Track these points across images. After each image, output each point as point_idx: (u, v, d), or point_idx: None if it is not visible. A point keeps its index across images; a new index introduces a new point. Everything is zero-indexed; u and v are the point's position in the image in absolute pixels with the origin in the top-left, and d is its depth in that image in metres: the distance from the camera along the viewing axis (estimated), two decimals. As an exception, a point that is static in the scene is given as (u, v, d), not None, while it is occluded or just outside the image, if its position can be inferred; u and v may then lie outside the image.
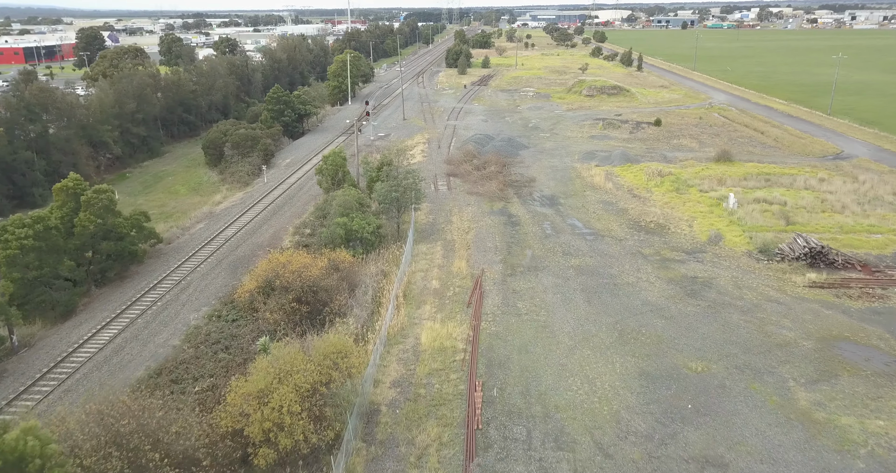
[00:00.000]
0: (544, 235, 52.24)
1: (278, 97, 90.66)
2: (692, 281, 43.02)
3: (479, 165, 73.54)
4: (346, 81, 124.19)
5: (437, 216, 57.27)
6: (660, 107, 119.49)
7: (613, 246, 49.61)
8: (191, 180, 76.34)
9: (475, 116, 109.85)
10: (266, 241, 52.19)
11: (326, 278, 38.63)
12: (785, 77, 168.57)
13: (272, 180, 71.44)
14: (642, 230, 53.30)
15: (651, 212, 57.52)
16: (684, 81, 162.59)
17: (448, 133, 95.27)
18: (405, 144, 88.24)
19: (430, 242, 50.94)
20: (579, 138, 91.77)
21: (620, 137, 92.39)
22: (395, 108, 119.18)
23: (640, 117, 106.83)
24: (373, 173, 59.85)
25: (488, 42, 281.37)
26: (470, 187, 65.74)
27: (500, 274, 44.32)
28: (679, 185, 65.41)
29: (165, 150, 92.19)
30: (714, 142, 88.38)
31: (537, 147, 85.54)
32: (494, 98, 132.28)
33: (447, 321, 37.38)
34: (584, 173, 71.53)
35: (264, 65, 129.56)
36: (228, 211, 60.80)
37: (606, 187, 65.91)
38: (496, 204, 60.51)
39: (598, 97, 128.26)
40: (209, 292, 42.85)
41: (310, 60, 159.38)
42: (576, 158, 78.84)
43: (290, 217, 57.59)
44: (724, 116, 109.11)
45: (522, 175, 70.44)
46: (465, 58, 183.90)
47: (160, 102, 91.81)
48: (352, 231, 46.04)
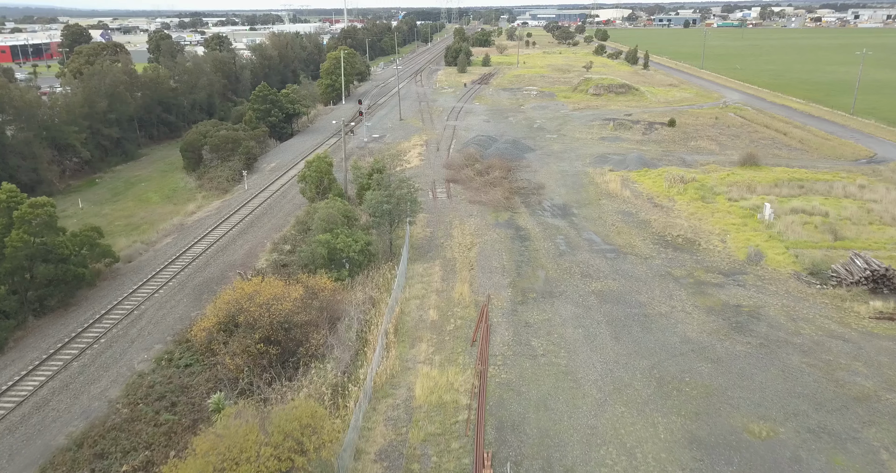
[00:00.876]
0: (558, 252, 45.64)
1: (264, 96, 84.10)
2: (736, 311, 36.42)
3: (481, 170, 66.94)
4: (339, 80, 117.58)
5: (436, 229, 50.67)
6: (671, 106, 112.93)
7: (639, 266, 43.00)
8: (165, 186, 69.73)
9: (476, 116, 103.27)
10: (239, 259, 45.58)
11: (301, 312, 32.01)
12: (797, 75, 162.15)
13: (254, 186, 64.85)
14: (669, 246, 46.70)
15: (677, 224, 50.92)
16: (693, 79, 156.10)
17: (448, 134, 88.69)
18: (401, 146, 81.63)
19: (427, 260, 44.34)
20: (589, 140, 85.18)
21: (633, 139, 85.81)
22: (391, 107, 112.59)
23: (652, 117, 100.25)
24: (363, 180, 53.29)
25: (488, 40, 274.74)
26: (472, 195, 59.16)
27: (510, 302, 37.73)
28: (704, 192, 58.82)
29: (142, 153, 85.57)
30: (735, 144, 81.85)
31: (544, 150, 78.94)
32: (496, 97, 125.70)
33: (447, 366, 30.77)
34: (598, 179, 64.93)
35: (254, 62, 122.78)
36: (201, 223, 54.21)
37: (624, 195, 59.31)
38: (502, 215, 53.91)
39: (606, 96, 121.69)
40: (165, 325, 36.24)
41: (303, 57, 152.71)
42: (587, 162, 72.22)
43: (269, 230, 51.00)
44: (740, 116, 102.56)
45: (530, 181, 63.84)
46: (464, 56, 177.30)
47: (137, 101, 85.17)
48: (336, 250, 39.45)
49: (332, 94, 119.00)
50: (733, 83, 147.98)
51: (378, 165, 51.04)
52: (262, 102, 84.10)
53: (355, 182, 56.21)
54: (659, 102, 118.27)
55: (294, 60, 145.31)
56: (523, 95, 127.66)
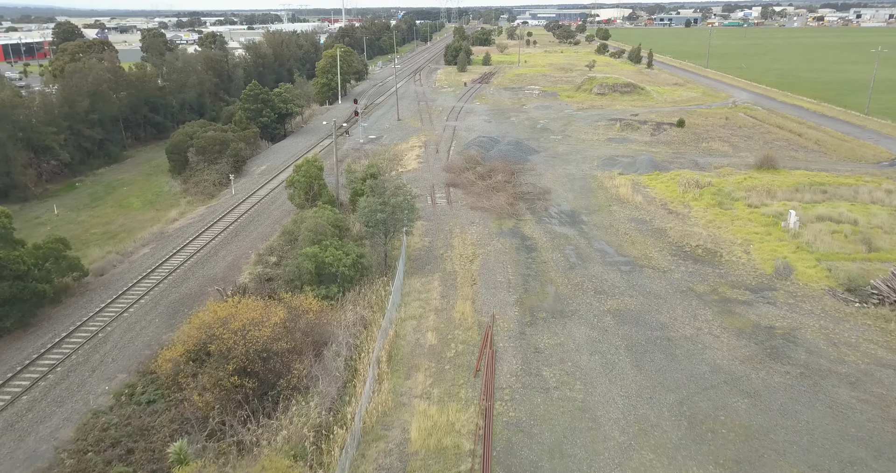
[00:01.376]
0: (568, 264, 41.87)
1: (256, 95, 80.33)
2: (769, 334, 32.67)
3: (483, 173, 63.17)
4: (336, 78, 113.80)
5: (435, 239, 46.91)
6: (678, 106, 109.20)
7: (657, 281, 39.24)
8: (149, 190, 65.97)
9: (477, 117, 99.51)
10: (220, 273, 41.79)
11: (283, 338, 28.25)
12: (805, 74, 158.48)
13: (242, 190, 61.07)
14: (689, 258, 42.94)
15: (695, 233, 47.14)
16: (699, 78, 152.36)
17: (447, 135, 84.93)
18: (398, 148, 77.85)
19: (425, 274, 40.57)
20: (595, 141, 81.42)
21: (641, 140, 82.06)
22: (389, 107, 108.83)
23: (660, 118, 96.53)
24: (357, 185, 49.52)
25: (488, 39, 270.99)
26: (473, 201, 55.39)
27: (517, 322, 33.97)
28: (722, 198, 55.06)
29: (127, 155, 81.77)
30: (748, 146, 78.13)
31: (549, 151, 75.18)
32: (497, 97, 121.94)
33: (447, 402, 27.02)
34: (607, 183, 61.17)
35: (247, 60, 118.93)
36: (183, 231, 50.42)
37: (635, 201, 55.53)
38: (506, 222, 50.15)
39: (611, 96, 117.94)
40: (132, 350, 32.47)
41: (299, 56, 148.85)
42: (595, 165, 68.45)
43: (254, 240, 47.22)
44: (751, 116, 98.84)
45: (535, 185, 60.07)
46: (464, 54, 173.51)
47: (122, 100, 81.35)
48: (324, 265, 35.68)
49: (327, 93, 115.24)
50: (740, 82, 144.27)
51: (372, 170, 47.28)
52: (253, 102, 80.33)
53: (349, 187, 52.47)
54: (665, 101, 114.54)
55: (290, 59, 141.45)
56: (525, 95, 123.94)
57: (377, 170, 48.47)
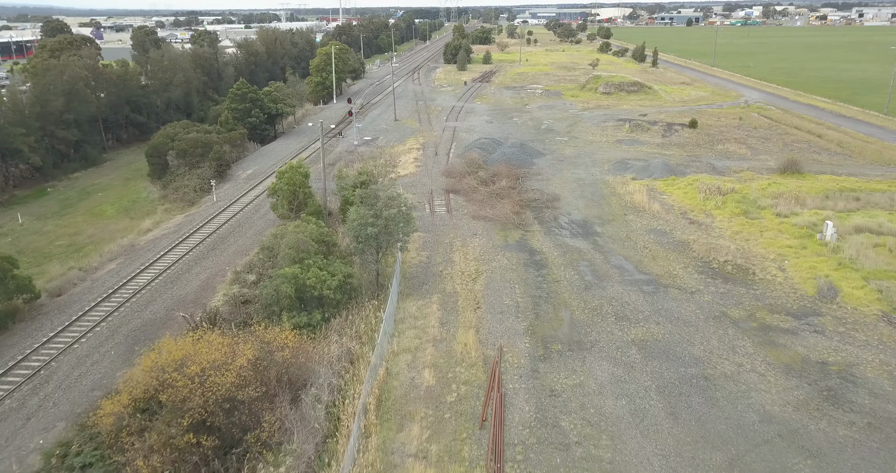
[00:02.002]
0: (583, 283, 37.23)
1: (243, 94, 75.66)
2: (822, 371, 28.05)
3: (486, 178, 58.52)
4: (330, 77, 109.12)
5: (434, 253, 42.25)
6: (688, 106, 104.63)
7: (685, 304, 34.60)
8: (125, 196, 61.27)
9: (478, 117, 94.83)
10: (191, 294, 37.12)
11: (252, 384, 23.60)
12: (814, 73, 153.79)
13: (224, 197, 56.39)
14: (718, 276, 38.30)
15: (721, 247, 42.48)
16: (706, 77, 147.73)
17: (447, 137, 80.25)
18: (395, 150, 73.16)
19: (422, 295, 35.92)
20: (604, 143, 76.76)
21: (653, 142, 77.39)
22: (385, 106, 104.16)
23: (670, 118, 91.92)
24: (348, 193, 44.84)
25: (488, 38, 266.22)
26: (476, 209, 50.71)
27: (528, 357, 29.33)
28: (747, 206, 50.41)
29: (107, 157, 77.02)
30: (767, 148, 73.50)
31: (555, 154, 70.51)
32: (499, 96, 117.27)
33: (448, 463, 22.40)
34: (620, 189, 56.52)
35: (238, 58, 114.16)
36: (156, 244, 45.74)
37: (652, 209, 50.86)
38: (512, 234, 45.48)
39: (617, 95, 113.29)
40: (78, 391, 27.84)
41: (294, 54, 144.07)
42: (605, 169, 63.80)
43: (233, 255, 42.58)
44: (765, 116, 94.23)
45: (542, 192, 55.41)
46: (464, 53, 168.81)
47: (101, 99, 76.63)
48: (306, 288, 31.00)
49: (322, 92, 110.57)
50: (749, 81, 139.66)
51: (362, 177, 42.61)
52: (241, 101, 75.66)
53: (339, 194, 47.76)
54: (674, 101, 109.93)
55: (284, 57, 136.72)
56: (528, 94, 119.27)
57: (368, 177, 43.77)
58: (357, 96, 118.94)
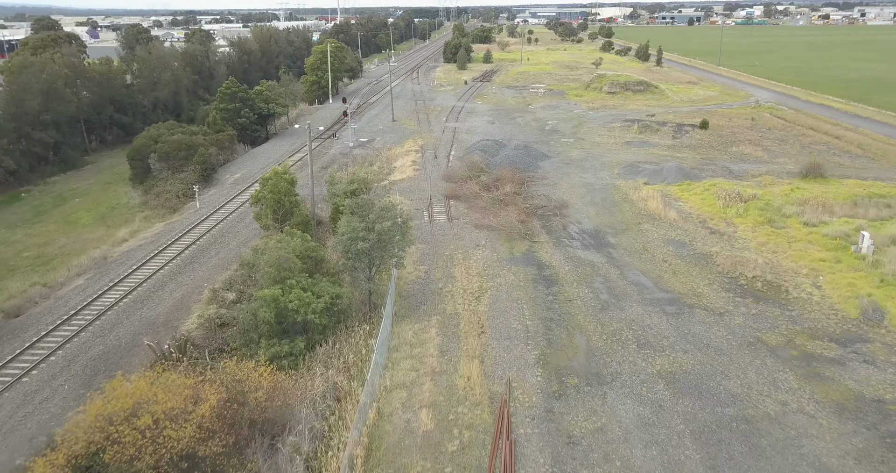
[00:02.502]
0: (599, 303, 33.51)
1: (233, 93, 71.89)
2: (881, 412, 24.37)
3: (488, 183, 54.78)
4: (326, 76, 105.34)
5: (433, 267, 38.53)
6: (696, 106, 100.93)
7: (714, 328, 30.90)
8: (104, 202, 57.47)
9: (479, 117, 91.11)
10: (163, 315, 33.37)
11: (216, 436, 19.85)
12: (823, 72, 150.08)
13: (208, 203, 52.62)
14: (747, 295, 34.59)
15: (748, 260, 38.75)
16: (713, 76, 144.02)
17: (447, 138, 76.50)
18: (392, 152, 69.40)
19: (420, 318, 32.20)
20: (612, 145, 73.03)
21: (663, 144, 73.67)
22: (383, 106, 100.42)
23: (679, 118, 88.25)
24: (339, 200, 41.10)
25: (489, 37, 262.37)
26: (478, 218, 46.97)
27: (541, 393, 25.62)
28: (771, 214, 46.69)
29: (89, 160, 73.17)
30: (784, 150, 69.79)
31: (561, 157, 66.78)
32: (500, 95, 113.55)
33: (449, 536, 18.65)
34: (632, 195, 52.80)
35: (231, 57, 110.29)
36: (130, 256, 41.96)
37: (669, 217, 47.13)
38: (518, 245, 41.75)
39: (623, 94, 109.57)
40: (19, 436, 24.11)
41: (290, 52, 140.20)
42: (615, 173, 60.07)
43: (213, 269, 38.85)
44: (778, 116, 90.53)
45: (549, 198, 51.68)
46: (464, 51, 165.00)
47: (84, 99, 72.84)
48: (287, 312, 27.27)
49: (317, 92, 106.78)
50: (757, 80, 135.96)
51: (352, 186, 38.86)
52: (231, 101, 71.88)
53: (330, 201, 43.99)
54: (682, 100, 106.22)
55: (279, 56, 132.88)
56: (530, 94, 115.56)
57: (360, 185, 39.97)
58: (354, 96, 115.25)
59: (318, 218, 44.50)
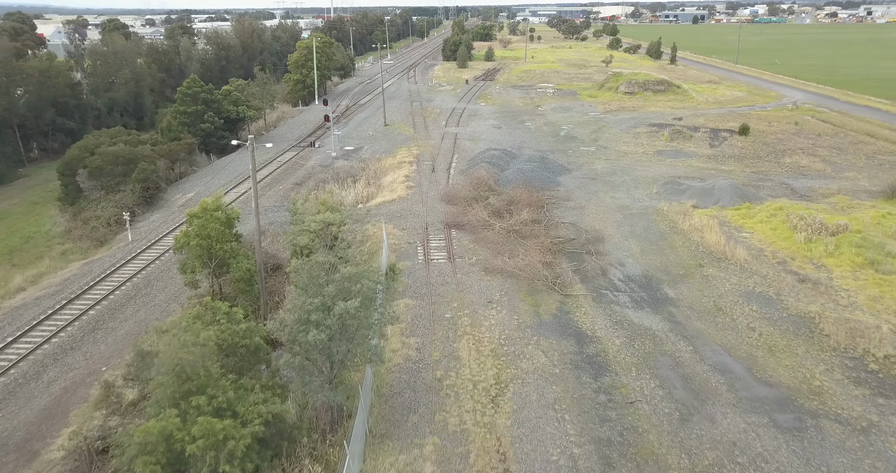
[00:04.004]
0: (675, 408, 22.51)
1: (195, 94, 60.88)
2: None
3: (499, 206, 43.76)
4: (312, 74, 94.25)
5: (428, 339, 27.51)
6: (726, 107, 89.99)
7: (864, 460, 19.86)
8: (20, 230, 46.40)
9: (483, 121, 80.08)
10: (21, 428, 22.21)
11: None
12: (850, 71, 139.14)
13: (144, 235, 41.51)
14: (886, 388, 23.58)
15: (866, 327, 27.75)
16: (733, 75, 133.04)
17: (447, 147, 65.47)
18: (382, 164, 58.35)
19: (407, 440, 21.19)
20: (641, 155, 62.08)
21: (701, 154, 62.70)
22: (375, 108, 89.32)
23: (711, 122, 77.30)
24: (304, 240, 30.03)
25: (489, 34, 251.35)
26: (489, 257, 35.96)
27: None
28: (872, 253, 35.66)
29: (24, 173, 61.97)
30: (848, 162, 58.88)
31: (584, 170, 55.80)
32: (505, 96, 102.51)
33: None
34: (682, 223, 41.79)
35: (207, 53, 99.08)
36: (16, 316, 30.88)
37: (737, 256, 36.11)
38: (545, 301, 30.74)
39: (641, 95, 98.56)
40: None
41: (276, 49, 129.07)
42: (654, 192, 49.07)
43: (121, 341, 27.83)
44: (822, 120, 79.56)
45: (578, 227, 40.67)
46: (465, 48, 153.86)
47: (16, 101, 61.76)
48: (183, 459, 16.18)
49: (302, 92, 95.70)
50: (783, 79, 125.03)
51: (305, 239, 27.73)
52: (192, 103, 60.87)
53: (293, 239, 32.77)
54: (708, 101, 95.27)
55: (263, 52, 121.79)
56: (538, 94, 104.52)
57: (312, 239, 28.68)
58: (343, 96, 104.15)
59: (275, 261, 33.46)
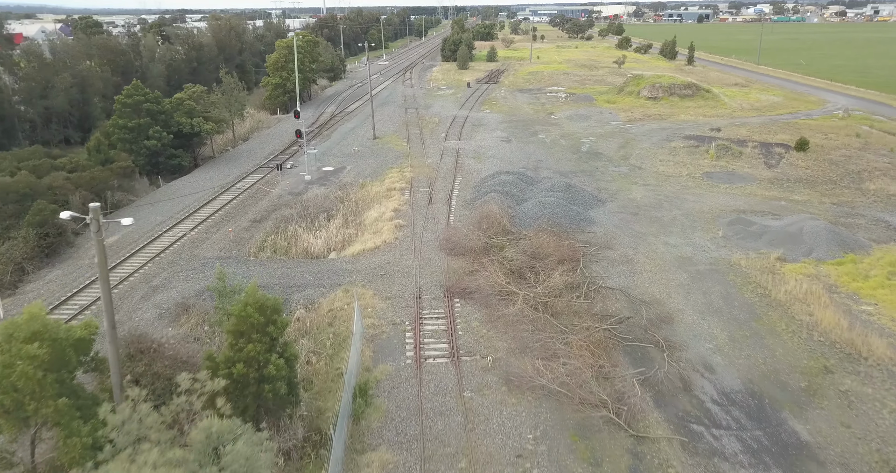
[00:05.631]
0: None
1: (136, 104, 49.21)
2: None
3: (520, 262, 32.08)
4: (293, 77, 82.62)
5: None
6: (765, 115, 78.55)
7: None
8: None
9: (490, 132, 68.53)
10: None
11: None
12: (886, 72, 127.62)
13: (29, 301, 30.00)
14: None
15: None
16: (759, 77, 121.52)
17: (447, 167, 53.84)
18: (366, 192, 46.64)
19: None
20: (686, 179, 50.54)
21: (759, 177, 51.14)
22: (364, 117, 77.66)
23: (756, 134, 65.84)
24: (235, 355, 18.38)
25: (490, 33, 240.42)
26: (511, 353, 24.37)
27: None
28: None
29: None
30: (947, 187, 47.28)
31: (620, 201, 44.20)
32: (512, 102, 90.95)
33: None
34: (771, 287, 30.16)
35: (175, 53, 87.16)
36: None
37: (874, 351, 24.50)
38: (608, 453, 19.13)
39: (667, 100, 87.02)
40: None
41: (259, 50, 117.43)
42: (719, 235, 37.41)
43: None
44: (887, 131, 68.03)
45: (630, 296, 29.07)
46: (466, 48, 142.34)
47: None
48: None
49: (281, 98, 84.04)
50: (816, 81, 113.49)
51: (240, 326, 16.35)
52: (133, 115, 49.30)
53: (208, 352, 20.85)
54: (743, 108, 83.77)
55: (243, 53, 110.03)
56: (549, 99, 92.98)
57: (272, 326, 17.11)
58: (329, 102, 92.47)
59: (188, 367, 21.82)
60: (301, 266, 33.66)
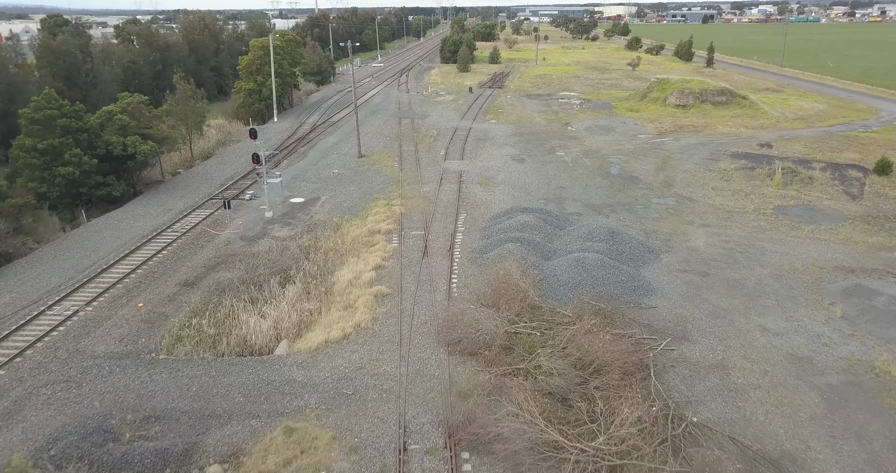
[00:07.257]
0: None
1: (49, 120, 38.05)
2: None
3: (564, 382, 20.87)
4: (269, 82, 71.51)
5: None
6: (815, 127, 67.64)
7: None
8: None
9: (498, 149, 57.45)
10: None
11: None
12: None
13: None
14: None
15: None
16: (789, 80, 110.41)
17: (447, 198, 42.62)
18: (341, 237, 35.42)
19: None
20: (755, 216, 39.42)
21: (846, 211, 40.04)
22: (350, 129, 66.49)
23: (815, 151, 55.04)
24: None
25: (492, 34, 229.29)
26: None
27: None
28: None
29: None
30: None
31: (679, 252, 33.07)
32: (521, 109, 79.85)
33: None
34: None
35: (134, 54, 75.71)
36: None
37: None
38: None
39: (699, 109, 75.97)
40: None
41: (239, 50, 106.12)
42: (838, 315, 26.24)
43: None
44: (970, 147, 57.04)
45: (741, 443, 17.86)
46: (467, 49, 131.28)
47: None
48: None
49: (257, 106, 72.86)
50: (855, 86, 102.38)
51: None
52: (45, 133, 38.12)
53: None
54: (787, 118, 72.82)
55: (220, 54, 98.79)
56: (562, 107, 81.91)
57: None
58: (312, 110, 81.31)
59: None
60: (231, 373, 22.55)
